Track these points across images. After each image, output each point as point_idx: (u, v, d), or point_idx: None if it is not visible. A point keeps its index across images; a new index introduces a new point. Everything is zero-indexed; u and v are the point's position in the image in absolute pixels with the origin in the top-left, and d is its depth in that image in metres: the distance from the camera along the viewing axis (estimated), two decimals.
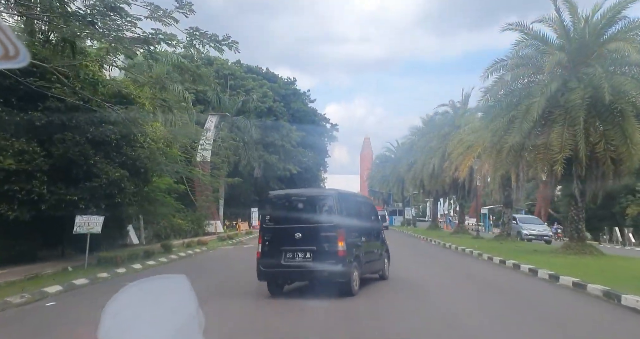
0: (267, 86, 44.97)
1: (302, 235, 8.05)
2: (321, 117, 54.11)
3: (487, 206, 43.68)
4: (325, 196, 8.89)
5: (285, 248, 8.11)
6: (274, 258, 8.11)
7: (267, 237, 8.44)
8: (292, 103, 47.74)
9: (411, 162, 30.72)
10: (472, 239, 22.01)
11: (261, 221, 9.22)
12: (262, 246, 8.40)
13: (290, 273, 8.34)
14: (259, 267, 8.25)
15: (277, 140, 43.18)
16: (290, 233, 8.15)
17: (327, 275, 7.97)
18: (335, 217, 8.20)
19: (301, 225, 8.20)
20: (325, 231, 8.08)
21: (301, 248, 8.01)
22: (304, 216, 8.39)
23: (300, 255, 8.01)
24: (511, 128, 12.49)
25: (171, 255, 15.35)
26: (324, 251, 7.93)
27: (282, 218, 8.61)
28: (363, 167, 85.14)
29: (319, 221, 8.30)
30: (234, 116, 37.98)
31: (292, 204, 8.74)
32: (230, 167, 36.80)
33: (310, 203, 8.86)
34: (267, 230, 8.59)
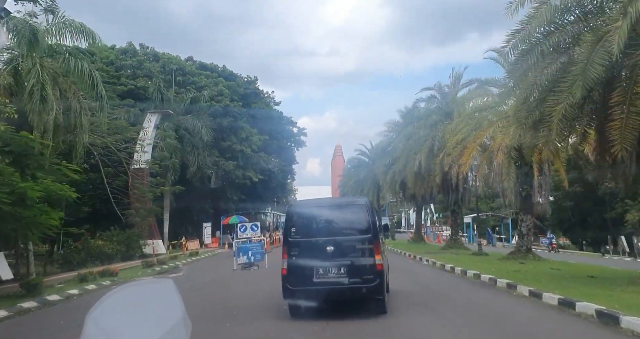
0: (224, 84, 39.69)
1: (334, 248, 7.36)
2: (287, 120, 49.07)
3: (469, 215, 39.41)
4: (357, 205, 8.12)
5: (316, 263, 7.36)
6: (303, 275, 7.35)
7: (294, 251, 7.58)
8: (253, 104, 42.56)
9: (389, 162, 26.06)
10: (477, 256, 17.30)
11: (284, 234, 8.22)
12: (288, 261, 7.53)
13: (323, 291, 7.40)
14: (285, 285, 7.44)
15: (235, 144, 37.88)
16: (320, 246, 7.43)
17: (366, 291, 7.32)
18: (370, 227, 7.53)
19: (333, 237, 7.54)
20: (361, 243, 7.47)
21: (334, 263, 7.31)
22: (335, 228, 7.81)
23: (333, 271, 7.32)
24: (563, 81, 7.73)
25: (26, 302, 9.71)
26: (360, 266, 7.30)
27: (310, 229, 7.84)
28: (335, 174, 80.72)
29: (353, 232, 7.69)
30: (182, 115, 32.45)
31: (320, 214, 8.01)
32: (175, 174, 31.17)
33: (340, 212, 8.16)
34: (293, 243, 7.70)
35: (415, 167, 19.22)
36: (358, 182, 38.25)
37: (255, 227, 16.20)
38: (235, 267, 15.18)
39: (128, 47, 37.86)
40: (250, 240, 15.49)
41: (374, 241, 7.46)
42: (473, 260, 16.24)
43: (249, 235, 15.95)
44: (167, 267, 18.03)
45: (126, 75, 33.25)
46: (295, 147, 51.06)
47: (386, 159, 26.43)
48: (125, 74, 32.98)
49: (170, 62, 36.70)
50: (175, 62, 37.12)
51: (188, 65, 38.90)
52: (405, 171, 21.07)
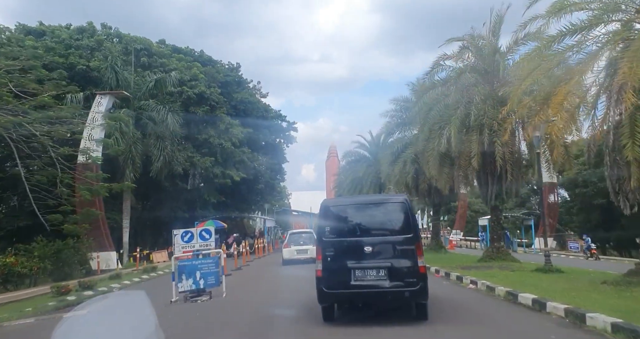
0: (200, 69, 34.32)
1: (372, 249, 6.91)
2: (275, 113, 43.66)
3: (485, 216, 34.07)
4: (396, 202, 7.53)
5: (353, 264, 6.87)
6: (340, 277, 6.88)
7: (329, 252, 7.09)
8: (235, 94, 37.19)
9: (397, 149, 20.65)
10: (549, 275, 11.06)
11: (319, 234, 7.57)
12: (323, 263, 7.05)
13: (362, 295, 6.92)
14: (320, 288, 6.99)
15: (213, 137, 32.49)
16: (358, 247, 6.96)
17: (409, 295, 6.80)
18: (411, 227, 7.07)
19: (371, 238, 7.09)
20: (401, 243, 6.96)
21: (373, 265, 6.83)
22: (372, 227, 7.35)
23: (372, 273, 6.82)
24: None
25: None
26: (401, 268, 6.81)
27: (347, 229, 7.34)
28: (329, 174, 75.47)
29: (393, 232, 7.19)
30: (145, 101, 27.02)
31: (356, 212, 7.52)
32: (136, 171, 25.71)
33: (377, 210, 7.54)
34: (328, 243, 7.19)
35: (442, 146, 13.80)
36: (356, 180, 32.93)
37: (207, 234, 10.83)
38: (176, 297, 9.78)
39: (87, 27, 32.46)
40: (199, 255, 10.18)
41: (416, 241, 6.99)
42: (551, 281, 10.16)
43: (197, 246, 10.64)
44: (90, 294, 12.54)
45: (78, 55, 27.78)
46: (285, 143, 45.66)
47: (394, 146, 21.08)
48: (75, 53, 27.52)
49: (133, 41, 31.26)
50: (141, 41, 31.70)
51: (156, 46, 33.49)
52: (424, 156, 15.73)
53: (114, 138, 24.25)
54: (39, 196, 16.40)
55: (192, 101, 31.99)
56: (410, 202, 7.57)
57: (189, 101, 31.87)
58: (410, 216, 7.19)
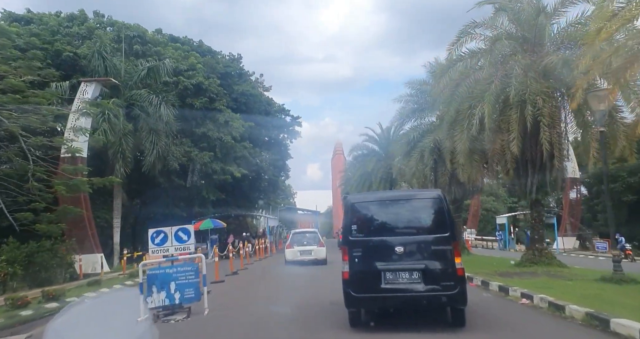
0: (199, 60, 32.27)
1: (404, 249, 6.34)
2: (279, 107, 41.53)
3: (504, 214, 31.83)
4: (431, 198, 6.93)
5: (383, 266, 6.35)
6: (369, 280, 6.35)
7: (357, 253, 6.51)
8: (236, 86, 35.06)
9: (414, 138, 18.30)
10: (619, 286, 8.69)
11: (344, 233, 6.96)
12: (350, 264, 6.51)
13: (394, 299, 6.37)
14: (347, 292, 6.45)
15: (212, 131, 30.44)
16: (388, 247, 6.39)
17: (446, 300, 6.25)
18: (447, 225, 6.46)
19: (403, 237, 6.51)
20: (437, 243, 6.36)
21: (406, 266, 6.30)
22: (404, 224, 6.77)
23: (404, 275, 6.29)
24: None
25: None
26: (437, 270, 6.24)
27: (375, 227, 6.76)
28: (335, 172, 73.32)
29: (427, 230, 6.59)
30: (136, 90, 24.99)
31: (386, 209, 6.91)
32: (126, 166, 23.72)
33: (410, 206, 6.93)
34: (355, 243, 6.60)
35: (474, 129, 11.50)
36: (364, 176, 30.75)
37: (184, 235, 8.70)
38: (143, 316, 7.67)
39: (78, 14, 30.52)
40: (175, 261, 8.07)
41: (453, 241, 6.40)
42: (630, 294, 7.79)
43: (172, 250, 8.53)
44: (53, 307, 10.48)
45: (66, 42, 25.82)
46: (288, 138, 43.45)
47: (409, 135, 18.74)
48: (62, 40, 25.56)
49: (126, 28, 29.24)
50: (134, 29, 29.67)
51: (151, 34, 31.46)
52: (449, 142, 13.44)
53: (102, 129, 22.27)
54: (6, 192, 14.38)
55: (189, 92, 29.95)
56: (446, 198, 6.84)
57: (186, 92, 29.83)
58: (446, 213, 6.58)
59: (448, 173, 17.13)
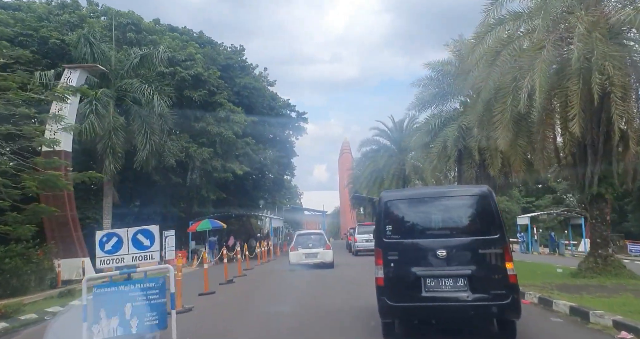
0: (198, 50, 30.29)
1: (447, 252, 5.69)
2: (283, 102, 39.50)
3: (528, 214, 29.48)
4: (477, 195, 6.11)
5: (424, 272, 5.73)
6: (408, 288, 5.73)
7: (393, 256, 5.88)
8: (238, 79, 33.05)
9: (434, 126, 15.97)
10: None
11: (377, 234, 6.17)
12: (385, 269, 5.86)
13: (436, 309, 5.73)
14: (382, 300, 5.81)
15: (211, 125, 28.47)
16: (429, 250, 5.78)
17: (496, 311, 5.58)
18: (497, 226, 5.78)
19: (446, 239, 5.87)
20: (486, 246, 5.70)
21: (449, 272, 5.67)
22: (447, 226, 6.10)
23: (448, 283, 5.66)
24: None
25: None
26: (486, 277, 5.61)
27: (414, 228, 6.15)
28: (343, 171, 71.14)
29: (473, 232, 5.92)
30: (127, 80, 23.04)
31: (425, 208, 6.25)
32: (116, 161, 21.80)
33: (454, 205, 6.23)
34: (391, 246, 5.97)
35: (521, 105, 9.15)
36: (375, 172, 28.60)
37: (146, 238, 6.62)
38: None
39: (70, 2, 28.68)
40: (132, 275, 6.03)
41: (503, 243, 5.71)
42: None
43: (128, 260, 6.46)
44: None
45: (53, 29, 23.97)
46: (294, 135, 41.36)
47: (429, 123, 16.38)
48: (48, 26, 23.71)
49: (120, 15, 27.34)
50: (128, 16, 27.76)
51: (148, 23, 29.53)
52: (483, 127, 11.21)
53: (89, 121, 20.37)
54: None
55: (187, 84, 27.99)
56: (493, 194, 6.12)
57: (183, 84, 27.87)
58: (495, 212, 5.89)
59: (475, 166, 14.97)
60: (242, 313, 8.69)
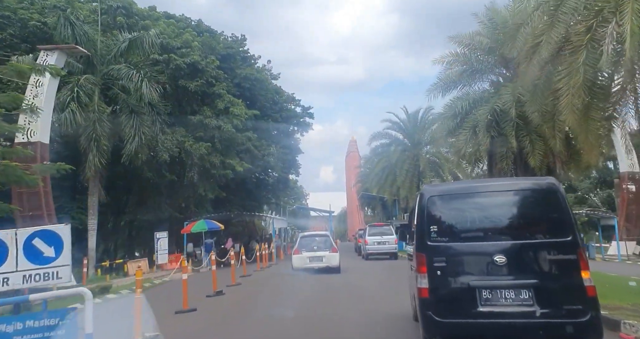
0: (195, 38, 28.19)
1: (508, 258, 4.80)
2: (288, 96, 37.35)
3: None
4: (543, 190, 5.20)
5: (478, 282, 4.84)
6: (459, 301, 4.84)
7: (440, 263, 4.96)
8: (239, 70, 30.93)
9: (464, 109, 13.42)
10: None
11: (419, 235, 5.26)
12: (430, 278, 4.95)
13: (495, 327, 4.77)
14: (427, 316, 4.92)
15: (209, 118, 26.37)
16: (485, 255, 4.91)
17: (572, 330, 4.57)
18: (568, 226, 4.91)
19: (505, 242, 4.99)
20: (555, 251, 4.84)
21: (511, 282, 4.79)
22: (506, 226, 5.19)
23: (509, 295, 4.74)
24: None
25: None
26: (557, 288, 4.72)
27: (466, 229, 5.28)
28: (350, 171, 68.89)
29: (539, 233, 5.06)
30: (114, 65, 20.95)
31: (478, 205, 5.33)
32: (102, 156, 19.74)
33: (514, 202, 5.34)
34: (437, 250, 5.05)
35: (603, 61, 6.58)
36: (387, 169, 26.35)
37: (48, 246, 4.37)
38: None
39: None
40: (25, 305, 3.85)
41: (577, 248, 4.81)
42: None
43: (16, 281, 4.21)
44: None
45: (34, 11, 21.95)
46: (299, 131, 39.12)
47: (455, 106, 13.88)
48: (28, 8, 21.69)
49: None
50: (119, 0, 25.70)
51: (141, 9, 27.48)
52: (539, 95, 8.92)
53: (69, 110, 18.31)
54: None
55: (182, 73, 25.91)
56: (562, 189, 5.15)
57: (179, 73, 25.79)
58: (566, 210, 4.96)
59: (511, 156, 12.69)
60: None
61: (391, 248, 21.67)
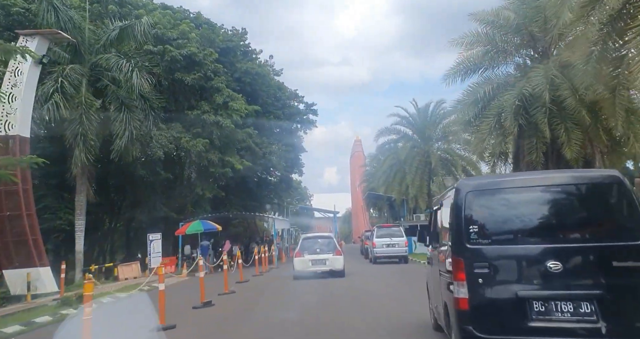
0: (193, 30, 26.80)
1: (564, 264, 4.15)
2: (291, 92, 35.90)
3: None
4: (606, 184, 4.52)
5: (529, 292, 4.19)
6: (506, 314, 4.18)
7: (482, 269, 4.30)
8: (239, 64, 29.54)
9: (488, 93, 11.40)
10: None
11: (457, 237, 4.52)
12: (470, 287, 4.28)
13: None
14: (467, 331, 4.28)
15: (207, 113, 24.99)
16: (536, 261, 4.26)
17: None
18: (638, 227, 4.27)
19: (560, 245, 4.30)
20: (623, 256, 4.19)
21: (569, 293, 4.14)
22: (563, 226, 4.45)
23: (567, 308, 4.09)
24: None
25: None
26: (624, 300, 4.07)
27: (514, 229, 4.50)
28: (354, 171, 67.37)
29: (602, 235, 4.37)
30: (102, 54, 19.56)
31: (528, 201, 4.58)
32: (88, 151, 18.37)
33: (571, 198, 4.58)
34: (479, 254, 4.36)
35: None
36: (395, 166, 24.83)
37: None
38: None
39: None
40: None
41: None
42: None
43: None
44: None
45: None
46: (302, 128, 37.67)
47: (477, 91, 12.26)
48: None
49: None
50: None
51: None
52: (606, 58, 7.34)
53: (53, 101, 16.95)
54: None
55: (178, 65, 24.54)
56: (629, 183, 4.41)
57: (174, 65, 24.43)
58: (635, 208, 4.25)
59: (542, 147, 11.13)
60: None
61: (401, 251, 20.21)
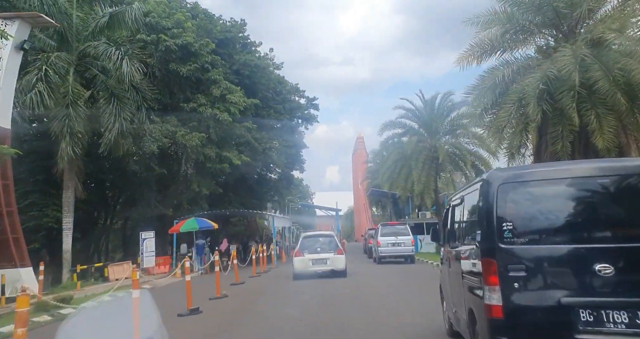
0: (190, 20, 25.69)
1: (615, 267, 3.65)
2: (292, 87, 34.79)
3: None
4: None
5: (573, 299, 3.71)
6: (548, 324, 3.73)
7: (517, 272, 3.81)
8: (237, 56, 28.43)
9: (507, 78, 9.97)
10: None
11: (486, 236, 4.00)
12: (504, 292, 3.78)
13: None
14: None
15: (204, 106, 23.92)
16: (581, 263, 3.75)
17: None
18: None
19: (610, 245, 3.80)
20: None
21: (622, 301, 3.65)
22: (612, 224, 3.93)
23: (620, 318, 3.61)
24: None
25: None
26: None
27: (555, 227, 3.96)
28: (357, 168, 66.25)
29: None
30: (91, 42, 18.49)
31: (569, 195, 4.06)
32: (75, 144, 17.33)
33: (621, 191, 3.96)
34: (514, 255, 3.86)
35: None
36: (400, 162, 23.73)
37: None
38: None
39: None
40: None
41: None
42: None
43: None
44: None
45: None
46: (304, 124, 36.59)
47: (495, 75, 11.03)
48: None
49: None
50: None
51: None
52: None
53: (36, 91, 15.88)
54: None
55: (173, 56, 23.46)
56: None
57: (169, 56, 23.35)
58: None
59: (569, 136, 9.98)
60: None
61: (407, 250, 19.15)
